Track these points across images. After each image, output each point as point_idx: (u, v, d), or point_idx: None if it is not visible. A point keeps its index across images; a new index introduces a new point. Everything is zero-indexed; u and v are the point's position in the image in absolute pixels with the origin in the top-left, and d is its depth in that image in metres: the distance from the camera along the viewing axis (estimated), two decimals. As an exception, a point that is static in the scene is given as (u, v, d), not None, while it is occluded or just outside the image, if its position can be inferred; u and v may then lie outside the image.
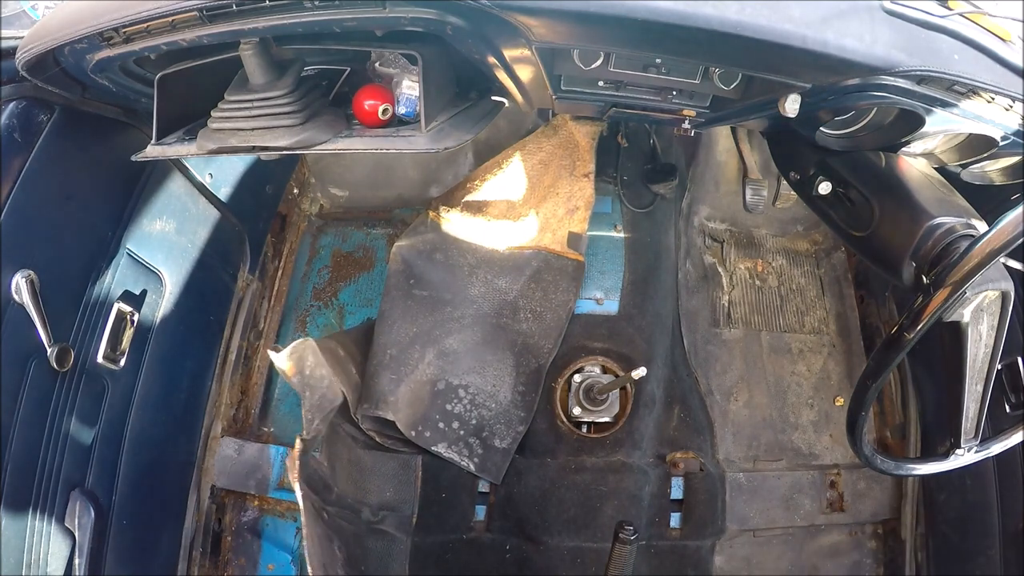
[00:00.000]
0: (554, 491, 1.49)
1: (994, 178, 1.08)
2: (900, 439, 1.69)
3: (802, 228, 1.96)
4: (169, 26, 0.81)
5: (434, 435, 1.49)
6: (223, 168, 1.53)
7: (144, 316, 1.29)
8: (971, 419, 0.94)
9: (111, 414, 1.22)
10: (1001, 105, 0.86)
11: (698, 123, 1.10)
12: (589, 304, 1.68)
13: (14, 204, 0.99)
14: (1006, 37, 0.82)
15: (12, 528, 1.00)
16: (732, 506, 1.56)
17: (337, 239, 1.90)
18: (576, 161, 1.69)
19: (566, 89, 1.02)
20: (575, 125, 1.69)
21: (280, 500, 1.58)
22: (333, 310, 1.80)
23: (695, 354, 1.72)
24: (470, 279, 1.63)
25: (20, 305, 1.00)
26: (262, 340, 1.74)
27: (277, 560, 1.56)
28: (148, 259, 1.30)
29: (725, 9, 0.72)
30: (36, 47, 0.89)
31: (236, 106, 0.92)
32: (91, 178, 1.15)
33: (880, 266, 0.98)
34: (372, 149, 0.94)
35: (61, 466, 1.10)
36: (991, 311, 0.88)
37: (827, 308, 1.86)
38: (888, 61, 0.76)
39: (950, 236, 0.87)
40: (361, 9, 0.75)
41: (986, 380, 0.92)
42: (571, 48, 0.91)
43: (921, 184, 0.96)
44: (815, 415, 1.74)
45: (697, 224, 1.90)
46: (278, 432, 1.67)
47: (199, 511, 1.51)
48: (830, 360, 1.80)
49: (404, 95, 0.95)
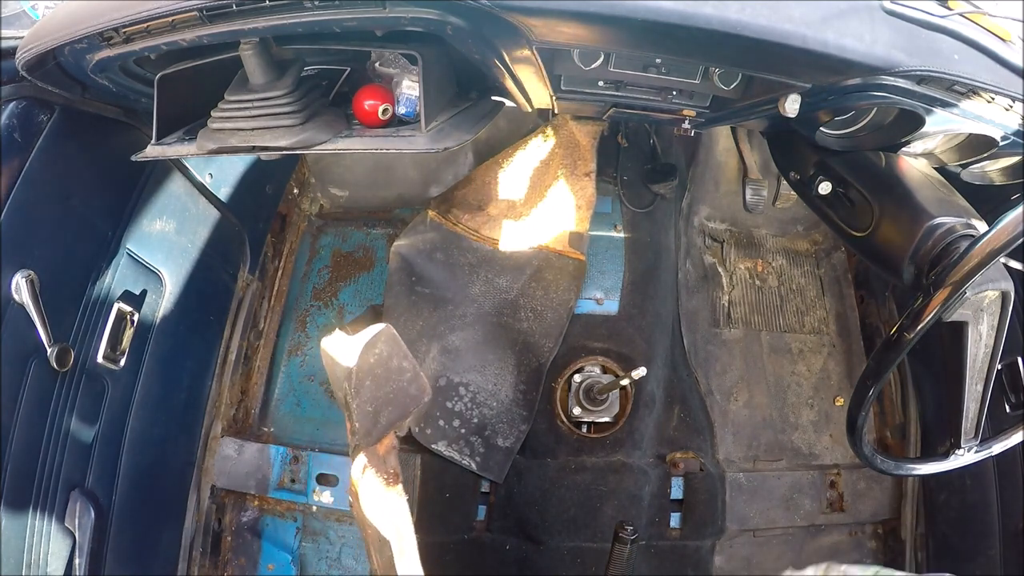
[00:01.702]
0: (554, 491, 1.49)
1: (994, 178, 1.08)
2: (900, 439, 1.69)
3: (802, 228, 1.96)
4: (169, 26, 0.81)
5: (435, 433, 1.49)
6: (223, 168, 1.53)
7: (144, 316, 1.29)
8: (971, 419, 0.94)
9: (111, 414, 1.22)
10: (1001, 105, 0.86)
11: (698, 123, 1.10)
12: (589, 304, 1.68)
13: (14, 204, 0.99)
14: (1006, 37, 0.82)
15: (12, 528, 1.00)
16: (732, 506, 1.56)
17: (337, 239, 1.90)
18: (577, 160, 1.69)
19: (566, 89, 1.02)
20: (576, 125, 1.70)
21: (280, 500, 1.58)
22: (333, 310, 1.80)
23: (695, 354, 1.72)
24: (471, 278, 1.63)
25: (20, 305, 0.99)
26: (262, 340, 1.74)
27: (277, 560, 1.56)
28: (148, 259, 1.30)
29: (725, 9, 0.72)
30: (36, 47, 0.89)
31: (236, 106, 0.92)
32: (91, 178, 1.15)
33: (880, 266, 0.98)
34: (372, 149, 0.94)
35: (61, 466, 1.10)
36: (991, 311, 0.88)
37: (827, 308, 1.86)
38: (888, 61, 0.76)
39: (950, 236, 0.87)
40: (361, 9, 0.75)
41: (986, 380, 0.92)
42: (571, 48, 0.91)
43: (921, 184, 0.96)
44: (815, 415, 1.74)
45: (697, 224, 1.90)
46: (278, 432, 1.67)
47: (199, 511, 1.51)
48: (830, 360, 1.80)
49: (404, 95, 0.95)
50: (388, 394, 1.07)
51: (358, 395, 1.04)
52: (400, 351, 1.07)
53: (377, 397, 1.05)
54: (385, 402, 1.06)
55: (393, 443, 1.06)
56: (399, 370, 1.09)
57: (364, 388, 1.04)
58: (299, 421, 1.68)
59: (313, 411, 1.68)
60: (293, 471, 1.56)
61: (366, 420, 1.03)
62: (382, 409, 1.06)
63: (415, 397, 1.09)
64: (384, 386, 1.07)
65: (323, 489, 1.54)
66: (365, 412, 1.03)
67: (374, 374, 1.05)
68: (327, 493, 1.54)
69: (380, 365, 1.06)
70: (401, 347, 1.07)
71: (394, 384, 1.08)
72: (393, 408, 1.07)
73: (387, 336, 1.07)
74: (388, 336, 1.07)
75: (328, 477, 1.55)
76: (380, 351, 1.07)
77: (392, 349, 1.07)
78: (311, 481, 1.55)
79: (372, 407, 1.04)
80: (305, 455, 1.56)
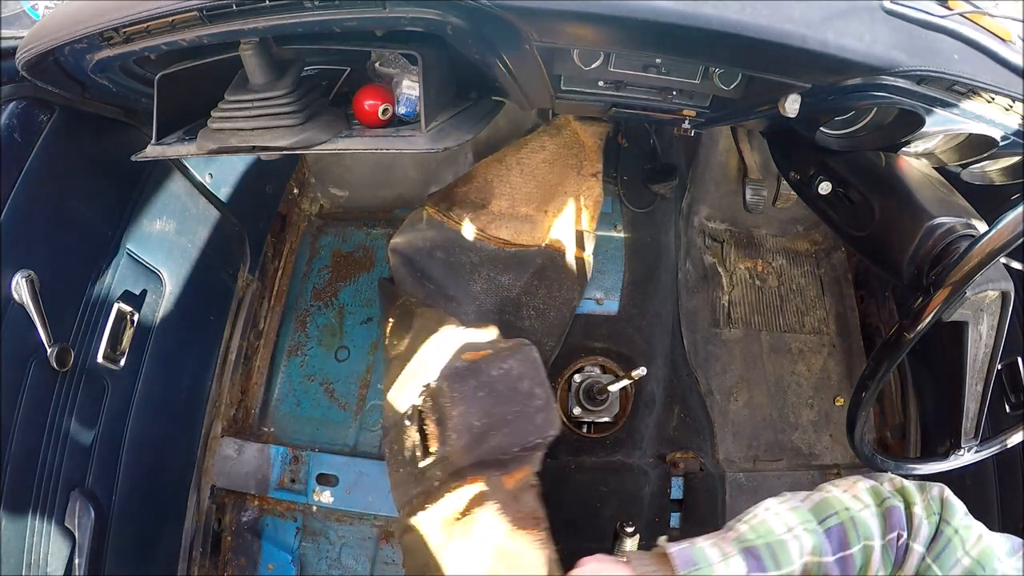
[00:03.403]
0: (554, 491, 1.48)
1: (994, 178, 1.08)
2: (900, 439, 1.69)
3: (802, 228, 1.96)
4: (169, 26, 0.81)
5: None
6: (223, 168, 1.53)
7: (144, 316, 1.29)
8: (971, 419, 0.94)
9: (111, 414, 1.22)
10: (1001, 105, 0.86)
11: (698, 123, 1.10)
12: (589, 304, 1.68)
13: (14, 204, 0.99)
14: (1006, 37, 0.82)
15: (12, 528, 1.00)
16: (732, 506, 1.56)
17: (337, 239, 1.90)
18: (584, 161, 1.68)
19: (566, 89, 1.02)
20: (580, 125, 1.69)
21: (280, 500, 1.58)
22: (333, 310, 1.80)
23: (695, 354, 1.72)
24: (472, 276, 1.62)
25: (20, 305, 0.99)
26: (262, 340, 1.74)
27: (277, 560, 1.56)
28: (148, 259, 1.30)
29: (725, 9, 0.72)
30: (36, 47, 0.89)
31: (236, 106, 0.92)
32: (91, 178, 1.15)
33: (880, 266, 0.99)
34: (372, 149, 0.94)
35: (61, 466, 1.10)
36: (991, 311, 0.88)
37: (827, 308, 1.86)
38: (888, 61, 0.76)
39: (950, 236, 0.87)
40: (361, 9, 0.75)
41: (986, 380, 0.92)
42: (571, 48, 0.91)
43: (921, 184, 0.96)
44: (815, 415, 1.74)
45: (697, 224, 1.90)
46: (278, 432, 1.67)
47: (199, 511, 1.51)
48: (830, 360, 1.80)
49: (404, 95, 0.95)
50: (507, 415, 0.91)
51: (462, 402, 0.87)
52: (537, 376, 0.95)
53: (491, 414, 0.90)
54: (500, 422, 0.90)
55: (530, 479, 0.87)
56: (528, 395, 0.94)
57: (475, 399, 0.89)
58: (299, 421, 1.68)
59: (313, 411, 1.68)
60: (293, 471, 1.56)
61: (466, 435, 0.85)
62: (493, 429, 0.88)
63: (539, 428, 0.93)
64: (504, 405, 0.92)
65: (323, 489, 1.54)
66: (468, 425, 0.86)
67: (494, 389, 0.91)
68: (327, 493, 1.54)
69: (505, 381, 0.93)
70: (540, 372, 0.95)
71: (518, 408, 0.93)
72: (508, 433, 0.90)
73: (525, 356, 0.95)
74: (527, 356, 0.95)
75: (328, 477, 1.55)
76: (509, 367, 0.94)
77: (526, 370, 0.95)
78: (311, 481, 1.55)
79: (480, 422, 0.88)
80: (305, 455, 1.56)
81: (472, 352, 0.94)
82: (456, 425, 0.86)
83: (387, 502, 1.53)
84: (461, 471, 0.86)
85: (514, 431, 0.92)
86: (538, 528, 0.84)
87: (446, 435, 0.85)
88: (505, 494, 0.86)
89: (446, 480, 0.88)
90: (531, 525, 0.84)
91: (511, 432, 0.91)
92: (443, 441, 0.86)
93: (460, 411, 0.87)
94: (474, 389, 0.90)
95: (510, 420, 0.91)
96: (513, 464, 0.89)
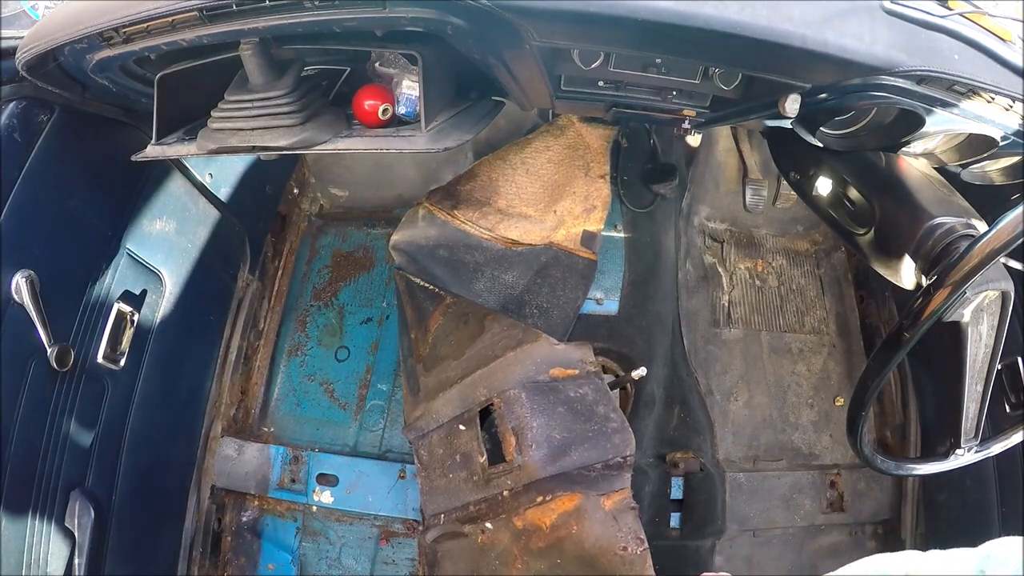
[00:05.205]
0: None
1: (994, 178, 1.08)
2: (900, 439, 1.69)
3: (802, 228, 1.96)
4: (169, 26, 0.81)
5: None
6: (223, 168, 1.53)
7: (144, 316, 1.29)
8: (971, 419, 0.94)
9: (111, 414, 1.22)
10: (1001, 105, 0.86)
11: (698, 123, 1.10)
12: (589, 304, 1.68)
13: (14, 204, 0.99)
14: (1006, 37, 0.82)
15: (12, 528, 1.00)
16: (732, 506, 1.56)
17: (337, 239, 1.90)
18: (591, 163, 1.68)
19: (566, 89, 1.02)
20: (584, 126, 1.68)
21: (280, 500, 1.58)
22: (333, 310, 1.80)
23: (695, 354, 1.72)
24: (475, 275, 1.62)
25: (20, 305, 0.99)
26: (262, 340, 1.74)
27: (277, 560, 1.56)
28: (148, 259, 1.30)
29: (725, 9, 0.72)
30: (36, 47, 0.89)
31: (236, 106, 0.92)
32: (91, 178, 1.15)
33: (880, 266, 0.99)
34: (372, 149, 0.94)
35: (61, 466, 1.10)
36: (991, 311, 0.88)
37: (827, 308, 1.86)
38: (888, 61, 0.76)
39: (950, 236, 0.87)
40: (361, 9, 0.75)
41: (986, 380, 0.92)
42: (571, 48, 0.91)
43: (921, 184, 0.96)
44: (815, 415, 1.74)
45: (697, 224, 1.90)
46: (278, 432, 1.67)
47: (199, 511, 1.51)
48: (830, 360, 1.80)
49: (404, 95, 0.95)
50: (587, 432, 0.92)
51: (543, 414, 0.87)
52: (611, 403, 0.97)
53: (572, 429, 0.91)
54: (580, 438, 0.91)
55: (629, 501, 0.87)
56: (604, 417, 0.95)
57: (556, 413, 0.90)
58: (299, 421, 1.68)
59: (313, 411, 1.68)
60: (293, 471, 1.56)
61: (546, 446, 0.85)
62: (574, 444, 0.90)
63: (617, 447, 0.94)
64: (583, 423, 0.93)
65: (323, 489, 1.54)
66: (549, 437, 0.86)
67: (573, 407, 0.92)
68: (327, 493, 1.54)
69: (582, 403, 0.95)
70: (612, 400, 0.97)
71: (597, 427, 0.94)
72: (588, 448, 0.91)
73: (598, 385, 0.96)
74: (599, 385, 0.97)
75: (328, 477, 1.55)
76: (585, 392, 0.96)
77: (600, 397, 0.97)
78: (311, 481, 1.55)
79: (560, 436, 0.89)
80: (305, 455, 1.56)
81: (561, 369, 0.94)
82: (536, 436, 0.86)
83: (387, 502, 1.53)
84: (540, 483, 0.86)
85: (594, 447, 0.91)
86: (640, 548, 0.84)
87: (525, 444, 0.84)
88: (604, 513, 0.86)
89: (520, 491, 0.87)
90: (634, 546, 0.84)
91: (591, 448, 0.91)
92: (521, 450, 0.85)
93: (540, 422, 0.87)
94: (554, 404, 0.90)
95: (590, 437, 0.92)
96: (601, 483, 0.89)
